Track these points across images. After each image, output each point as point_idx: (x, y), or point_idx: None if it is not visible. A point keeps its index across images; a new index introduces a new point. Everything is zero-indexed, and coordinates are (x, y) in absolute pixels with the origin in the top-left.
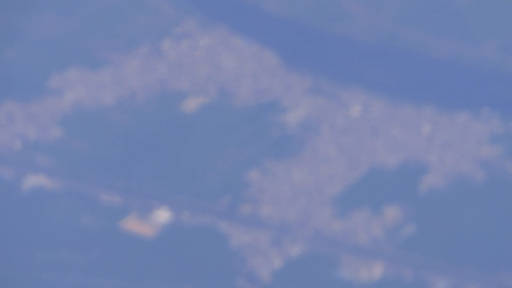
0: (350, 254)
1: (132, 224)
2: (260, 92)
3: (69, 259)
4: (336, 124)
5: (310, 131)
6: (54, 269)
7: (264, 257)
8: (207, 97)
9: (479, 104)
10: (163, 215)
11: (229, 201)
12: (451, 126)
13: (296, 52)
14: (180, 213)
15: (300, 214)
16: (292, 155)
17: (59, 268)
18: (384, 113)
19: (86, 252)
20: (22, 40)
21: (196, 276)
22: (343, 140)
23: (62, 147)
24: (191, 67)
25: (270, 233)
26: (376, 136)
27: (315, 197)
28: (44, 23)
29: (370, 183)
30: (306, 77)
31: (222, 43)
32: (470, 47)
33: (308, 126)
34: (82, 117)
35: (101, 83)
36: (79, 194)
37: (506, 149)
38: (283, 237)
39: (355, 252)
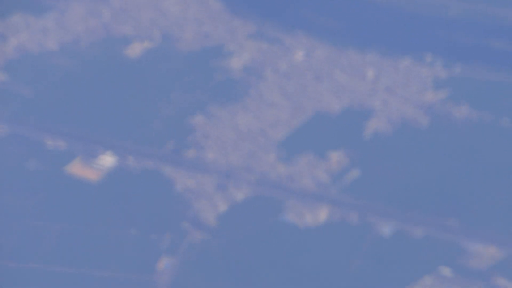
0: (295, 198)
1: (77, 169)
2: (204, 37)
3: (15, 203)
4: (280, 69)
5: (254, 76)
6: (0, 212)
7: (209, 201)
8: (151, 42)
9: (423, 49)
10: (108, 160)
11: (174, 146)
12: (395, 71)
13: None
14: (125, 158)
15: (245, 159)
16: (236, 100)
17: (5, 212)
18: (328, 58)
19: (32, 196)
20: None
21: (142, 220)
22: (287, 85)
23: (7, 93)
24: (135, 12)
25: (215, 177)
26: (320, 81)
27: (260, 142)
28: None
29: (315, 128)
30: (250, 22)
31: None
32: None
33: (252, 71)
34: (26, 62)
35: (45, 28)
36: (25, 139)
37: (449, 93)
38: (227, 181)
39: (300, 196)
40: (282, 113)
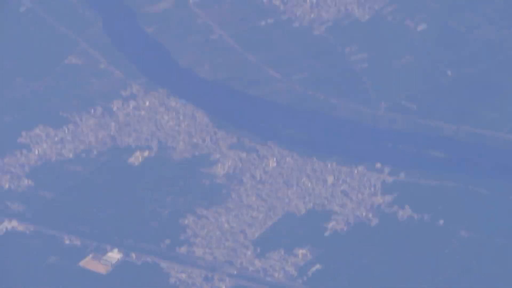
0: None
1: (89, 264)
2: (193, 147)
3: None
4: (256, 175)
5: (235, 181)
6: None
7: None
8: (150, 151)
9: (373, 158)
10: (114, 256)
11: (169, 243)
12: (350, 177)
13: (223, 113)
14: (128, 254)
15: (228, 254)
16: (220, 203)
17: None
18: (296, 165)
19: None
20: None
21: None
22: (262, 189)
23: (31, 196)
24: (137, 125)
25: (203, 270)
26: (289, 186)
27: (240, 239)
28: (13, 86)
29: (284, 227)
30: (231, 135)
31: (163, 104)
32: (366, 107)
33: (233, 177)
34: (47, 169)
35: (62, 139)
36: (46, 236)
37: (395, 197)
38: (213, 274)
39: (272, 287)
40: (258, 214)
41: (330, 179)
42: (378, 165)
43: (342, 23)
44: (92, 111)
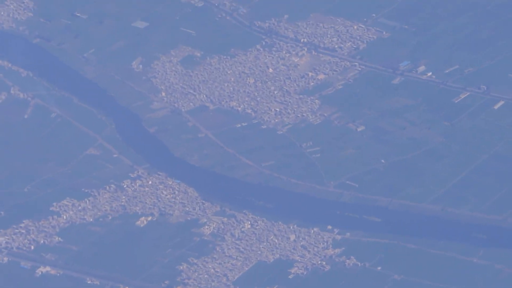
0: None
1: None
2: (186, 214)
3: None
4: (235, 234)
5: (219, 238)
6: None
7: None
8: (152, 217)
9: (326, 222)
10: None
11: (168, 283)
12: (308, 236)
13: (209, 189)
14: None
15: None
16: (208, 254)
17: None
18: (265, 227)
19: None
20: (33, 180)
21: None
22: (239, 244)
23: (60, 249)
24: (142, 198)
25: None
26: (261, 242)
27: (222, 282)
28: (47, 169)
29: (258, 271)
30: (215, 204)
31: (162, 183)
32: (319, 185)
33: (217, 235)
34: (73, 229)
35: (84, 207)
36: (73, 278)
37: (343, 250)
38: None
39: None
40: (237, 262)
41: (292, 237)
42: (329, 227)
43: (300, 125)
44: (108, 188)
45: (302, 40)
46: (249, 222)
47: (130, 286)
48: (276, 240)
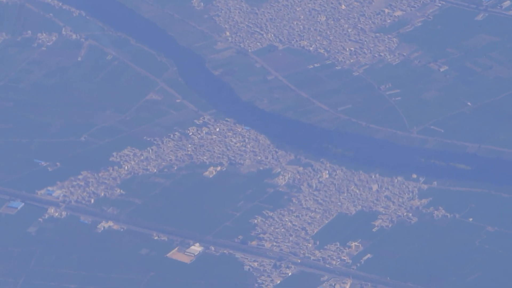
0: (328, 274)
1: (176, 255)
2: (258, 163)
3: (132, 277)
4: (312, 184)
5: (295, 189)
6: (123, 285)
7: (268, 277)
8: (222, 167)
9: (410, 170)
10: (196, 249)
11: (242, 238)
12: (392, 186)
13: (282, 136)
14: (208, 248)
15: (292, 247)
16: (283, 206)
17: (126, 285)
18: (345, 176)
19: (144, 274)
20: (91, 128)
21: None
22: (317, 195)
23: (123, 202)
24: (210, 146)
25: (272, 260)
26: (341, 193)
27: (301, 235)
28: (106, 116)
29: (338, 225)
30: (289, 153)
31: (231, 130)
32: (401, 131)
33: (293, 186)
34: (135, 181)
35: (147, 157)
36: (138, 233)
37: (430, 200)
38: (280, 262)
39: (331, 272)
40: (315, 215)
41: (375, 187)
42: (414, 175)
43: (377, 66)
44: (172, 136)
45: None
46: (327, 172)
47: (201, 242)
48: (358, 191)
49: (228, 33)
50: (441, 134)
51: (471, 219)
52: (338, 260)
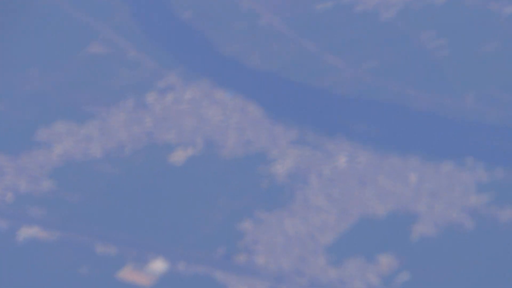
0: None
1: (129, 275)
2: (246, 144)
3: None
4: (324, 174)
5: (299, 181)
6: None
7: None
8: (194, 149)
9: (463, 153)
10: (159, 266)
11: (224, 251)
12: (437, 176)
13: (280, 105)
14: (176, 264)
15: (295, 263)
16: (283, 205)
17: None
18: (370, 163)
19: None
20: (7, 95)
21: None
22: (331, 190)
23: (53, 199)
24: (177, 119)
25: (266, 282)
26: (364, 186)
27: (309, 246)
28: (28, 78)
29: (362, 232)
30: (291, 129)
31: (206, 97)
32: (450, 98)
33: (297, 176)
34: (71, 170)
35: (88, 136)
36: (74, 244)
37: (492, 197)
38: (279, 285)
39: None
40: (329, 218)
41: (413, 178)
42: (470, 161)
43: (415, 6)
44: (122, 104)
45: None
46: (345, 156)
47: (166, 256)
48: (388, 183)
49: None
50: (505, 104)
51: None
52: (363, 282)
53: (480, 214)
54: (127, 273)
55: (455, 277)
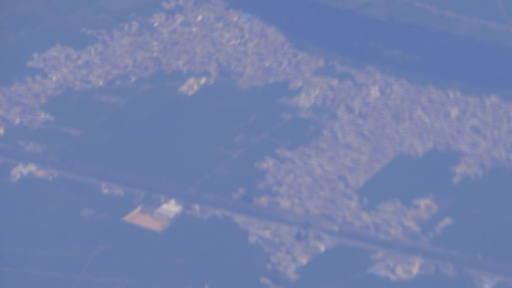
0: (383, 249)
1: (138, 219)
2: (266, 73)
3: (72, 256)
4: (354, 107)
5: (326, 116)
6: (56, 267)
7: (288, 254)
8: (208, 78)
9: (510, 86)
10: (171, 209)
11: (243, 193)
12: (481, 110)
13: (303, 29)
14: (190, 207)
15: (324, 206)
16: (308, 142)
17: (61, 266)
18: (406, 95)
19: (91, 248)
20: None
21: (215, 276)
22: (363, 125)
23: (50, 133)
24: (188, 45)
25: (292, 227)
26: (399, 120)
27: (339, 188)
28: None
29: (398, 172)
30: (316, 56)
31: (221, 19)
32: (495, 22)
33: (323, 110)
34: (70, 100)
35: (88, 62)
36: (76, 184)
37: None
38: (307, 231)
39: (388, 247)
40: (360, 156)
41: (455, 112)
42: None
43: None
44: (126, 27)
45: None
46: (377, 87)
47: (178, 197)
48: (427, 118)
49: None
50: None
51: None
52: (399, 227)
53: None
54: (136, 216)
55: (502, 223)
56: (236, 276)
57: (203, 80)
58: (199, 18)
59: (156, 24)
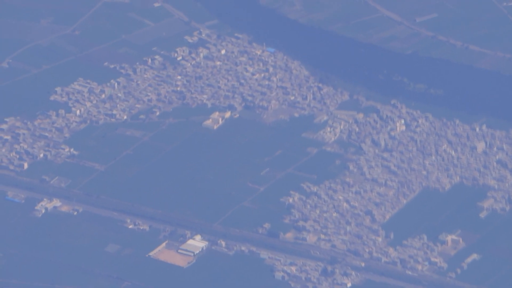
0: (411, 285)
1: (164, 254)
2: (291, 107)
3: None
4: (380, 142)
5: (351, 149)
6: None
7: None
8: (233, 112)
9: None
10: (197, 245)
11: (269, 228)
12: (508, 143)
13: (328, 62)
14: (215, 242)
15: (350, 242)
16: (334, 176)
17: None
18: (432, 128)
19: (116, 284)
20: (21, 48)
21: None
22: (389, 160)
23: (75, 168)
24: (212, 79)
25: (319, 263)
26: (426, 155)
27: (365, 223)
28: (42, 30)
29: (424, 207)
30: (341, 90)
31: (244, 53)
32: None
33: (348, 144)
34: (93, 134)
35: (112, 96)
36: (102, 220)
37: None
38: (333, 267)
39: (416, 283)
40: (386, 191)
41: (481, 146)
42: None
43: None
44: (149, 61)
45: None
46: (403, 121)
47: (204, 233)
48: (453, 152)
49: None
50: None
51: None
52: (426, 263)
53: None
54: (161, 252)
55: None
56: None
57: (227, 114)
58: (223, 51)
59: (179, 58)
